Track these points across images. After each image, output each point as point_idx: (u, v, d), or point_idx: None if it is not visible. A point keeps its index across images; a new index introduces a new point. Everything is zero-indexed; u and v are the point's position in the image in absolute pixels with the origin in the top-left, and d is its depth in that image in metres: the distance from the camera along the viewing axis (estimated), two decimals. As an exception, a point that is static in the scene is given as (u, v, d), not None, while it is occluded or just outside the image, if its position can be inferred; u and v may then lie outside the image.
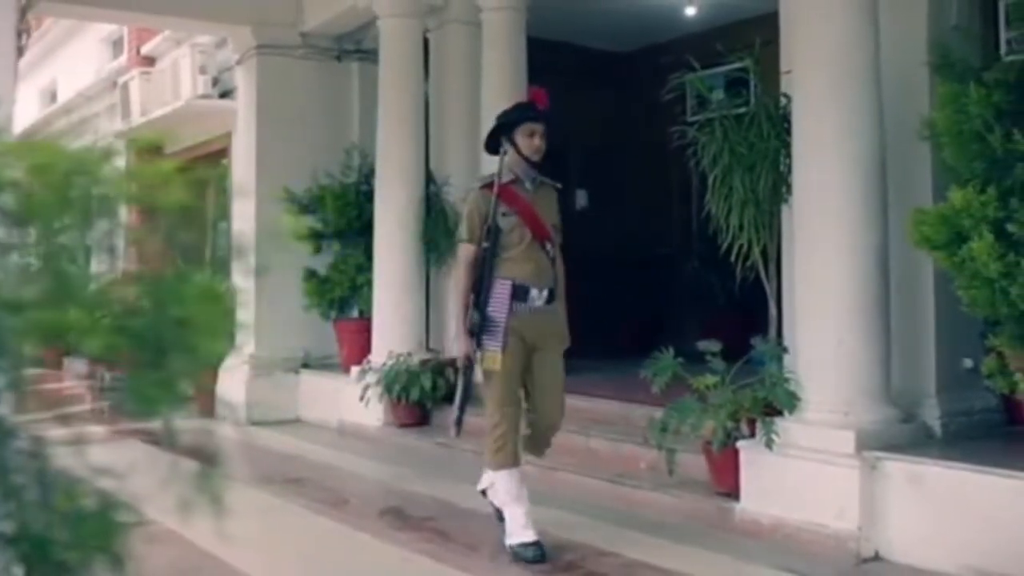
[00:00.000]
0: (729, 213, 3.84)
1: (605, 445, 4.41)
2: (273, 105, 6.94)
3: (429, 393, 5.56)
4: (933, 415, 3.58)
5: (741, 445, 3.55)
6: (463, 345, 3.36)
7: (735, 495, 3.57)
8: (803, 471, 3.34)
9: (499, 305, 3.29)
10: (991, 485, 2.97)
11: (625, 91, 7.62)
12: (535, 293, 3.34)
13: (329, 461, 5.39)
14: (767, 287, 4.02)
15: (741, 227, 3.82)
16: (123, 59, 10.87)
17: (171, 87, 9.01)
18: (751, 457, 3.51)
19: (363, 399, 5.64)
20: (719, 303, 6.48)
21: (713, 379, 3.63)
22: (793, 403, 3.42)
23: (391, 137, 6.10)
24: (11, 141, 1.04)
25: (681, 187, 7.22)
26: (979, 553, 2.95)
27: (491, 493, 3.41)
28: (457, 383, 3.48)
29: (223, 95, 8.61)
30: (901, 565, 3.15)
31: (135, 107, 9.72)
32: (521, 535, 3.31)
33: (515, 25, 5.76)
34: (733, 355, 3.71)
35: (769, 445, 3.37)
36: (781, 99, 3.89)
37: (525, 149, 3.38)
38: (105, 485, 0.95)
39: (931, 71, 3.42)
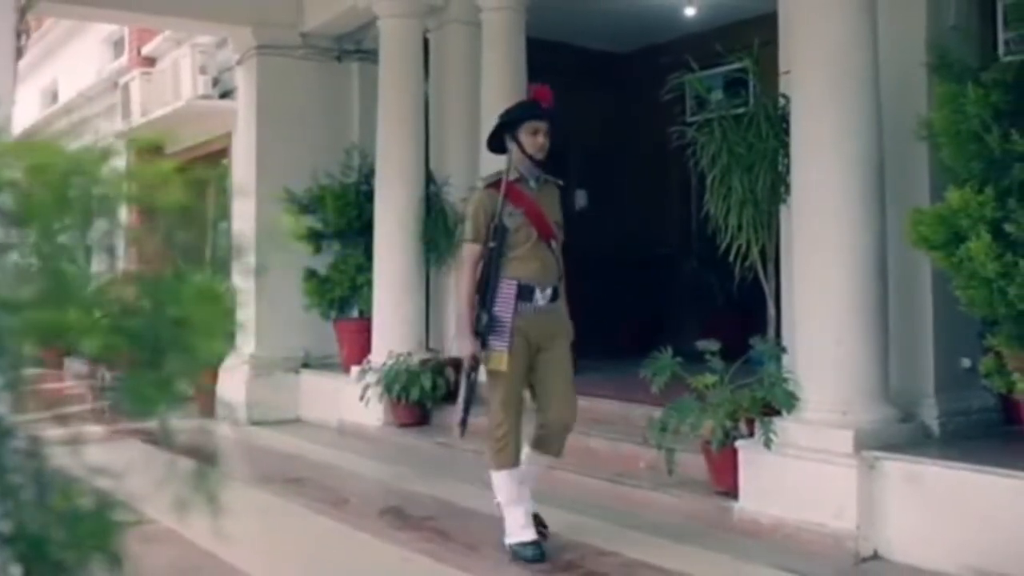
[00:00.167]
0: (728, 213, 3.85)
1: (604, 444, 4.41)
2: (273, 105, 6.95)
3: (429, 393, 5.57)
4: (931, 415, 3.59)
5: (740, 445, 3.56)
6: (468, 345, 3.31)
7: (734, 494, 3.58)
8: (802, 471, 3.34)
9: (505, 305, 3.27)
10: (989, 484, 2.97)
11: (624, 91, 7.62)
12: (539, 293, 3.32)
13: (329, 461, 5.40)
14: (766, 287, 4.03)
15: (740, 227, 3.83)
16: (124, 59, 10.89)
17: (172, 87, 9.03)
18: (750, 457, 3.52)
19: (363, 399, 5.66)
20: (718, 303, 6.49)
21: (712, 379, 3.64)
22: (792, 403, 3.43)
23: (391, 137, 6.11)
24: (10, 141, 1.04)
25: (680, 187, 7.23)
26: (977, 552, 2.96)
27: (496, 489, 3.38)
28: (461, 384, 3.44)
29: (223, 95, 8.62)
30: (900, 564, 3.15)
31: (136, 107, 9.73)
32: (520, 534, 3.32)
33: (515, 25, 5.77)
34: (732, 355, 3.72)
35: (768, 445, 3.38)
36: (780, 99, 3.90)
37: (529, 147, 3.35)
38: (103, 485, 0.95)
39: (929, 71, 3.42)
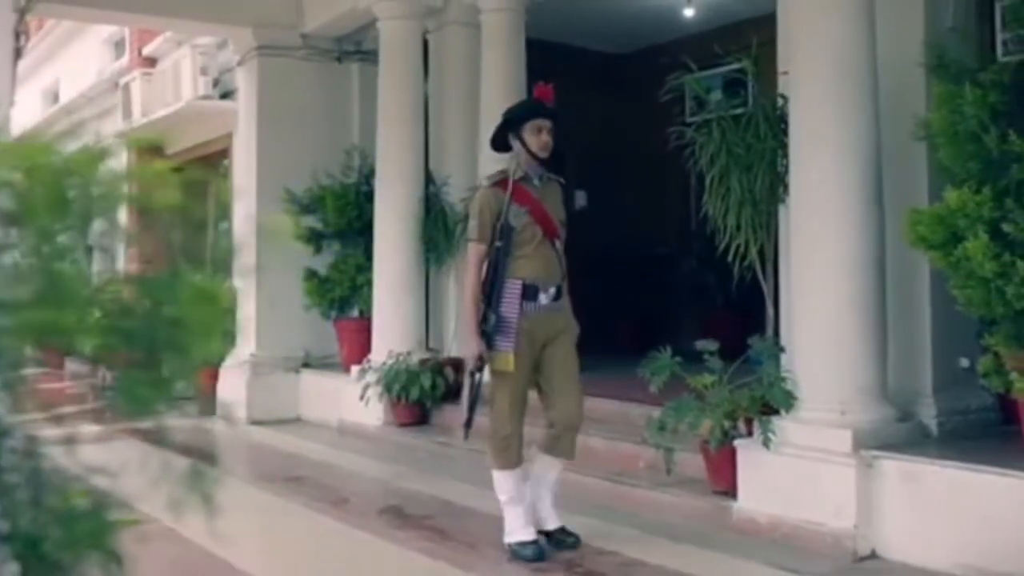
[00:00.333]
0: (726, 213, 3.86)
1: (603, 444, 4.42)
2: (274, 106, 6.97)
3: (429, 392, 5.58)
4: (929, 414, 3.59)
5: (738, 444, 3.57)
6: (474, 346, 3.28)
7: (732, 494, 3.58)
8: (800, 470, 3.35)
9: (510, 305, 3.26)
10: (987, 484, 2.98)
11: (624, 92, 7.64)
12: (544, 292, 3.31)
13: (329, 460, 5.41)
14: (764, 287, 4.04)
15: (738, 227, 3.84)
16: (125, 60, 10.90)
17: (172, 88, 9.04)
18: (748, 456, 3.53)
19: (363, 398, 5.67)
20: (717, 303, 6.50)
21: (711, 378, 3.65)
22: (790, 402, 3.44)
23: (391, 138, 6.13)
24: (6, 142, 1.05)
25: (679, 187, 7.24)
26: (975, 551, 2.97)
27: (497, 489, 3.37)
28: (465, 384, 3.41)
29: (224, 96, 8.64)
30: (897, 563, 3.16)
31: (136, 108, 9.75)
32: (520, 533, 3.33)
33: (514, 26, 5.78)
34: (731, 354, 3.72)
35: (766, 444, 3.39)
36: (778, 100, 3.90)
37: (533, 146, 3.34)
38: (100, 484, 0.95)
39: (927, 72, 3.43)
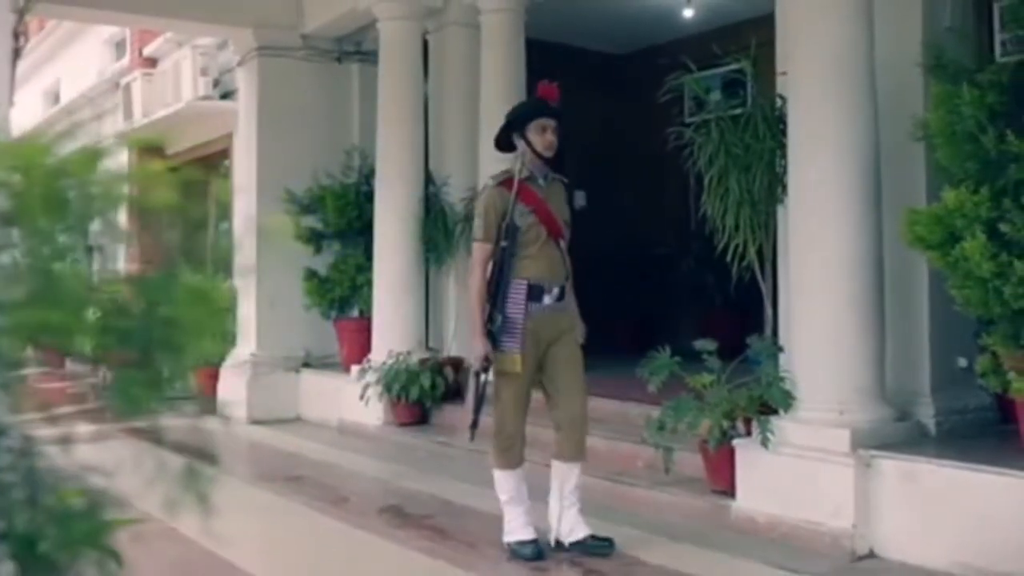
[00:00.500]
0: (725, 213, 3.87)
1: (602, 443, 4.43)
2: (274, 106, 6.98)
3: (428, 392, 5.59)
4: (927, 414, 3.60)
5: (737, 443, 3.58)
6: (481, 346, 3.25)
7: (731, 493, 3.59)
8: (798, 469, 3.36)
9: (516, 306, 3.25)
10: (985, 483, 2.99)
11: (623, 92, 7.65)
12: (548, 293, 3.30)
13: (329, 459, 5.42)
14: (763, 287, 4.05)
15: (737, 227, 3.84)
16: (125, 60, 10.92)
17: (173, 88, 9.06)
18: (747, 455, 3.54)
19: (363, 398, 5.68)
20: (716, 302, 6.51)
21: (709, 378, 3.65)
22: (788, 402, 3.44)
23: (391, 138, 6.14)
24: (2, 142, 1.05)
25: (678, 187, 7.25)
26: (973, 550, 2.98)
27: (497, 488, 3.37)
28: (470, 386, 3.40)
29: (224, 96, 8.65)
30: (896, 562, 3.17)
31: (137, 108, 9.76)
32: (519, 533, 3.34)
33: (514, 27, 5.79)
34: (729, 354, 3.73)
35: (765, 443, 3.40)
36: (777, 100, 3.91)
37: (538, 145, 3.32)
38: (97, 484, 0.95)
39: (925, 72, 3.44)
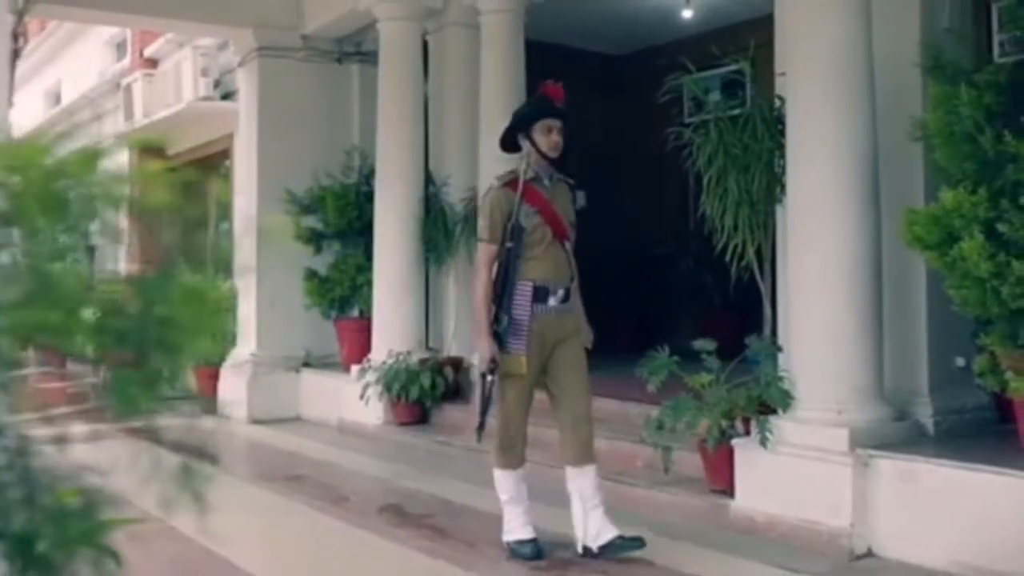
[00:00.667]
0: (724, 213, 3.88)
1: (602, 443, 4.39)
2: (274, 107, 7.00)
3: (428, 392, 5.61)
4: (926, 413, 3.61)
5: (736, 443, 3.58)
6: (487, 348, 3.23)
7: (730, 492, 3.60)
8: (797, 469, 3.37)
9: (522, 307, 3.23)
10: (982, 483, 3.00)
11: (622, 93, 7.66)
12: (553, 294, 3.28)
13: (329, 459, 5.43)
14: (761, 287, 4.06)
15: (736, 227, 3.85)
16: (126, 61, 10.94)
17: (173, 89, 9.08)
18: (746, 455, 3.54)
19: (363, 397, 5.69)
20: (715, 302, 6.53)
21: (708, 378, 3.66)
22: (787, 401, 3.45)
23: (391, 138, 6.15)
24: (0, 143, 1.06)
25: (678, 188, 7.26)
26: (971, 549, 2.99)
27: (498, 487, 3.37)
28: (476, 387, 3.39)
29: (225, 97, 8.67)
30: (894, 561, 3.17)
31: (138, 109, 9.78)
32: (519, 532, 3.35)
33: (513, 28, 5.81)
34: (728, 354, 3.74)
35: (764, 443, 3.41)
36: (776, 101, 3.92)
37: (544, 146, 3.31)
38: (94, 483, 0.96)
39: (923, 73, 3.45)
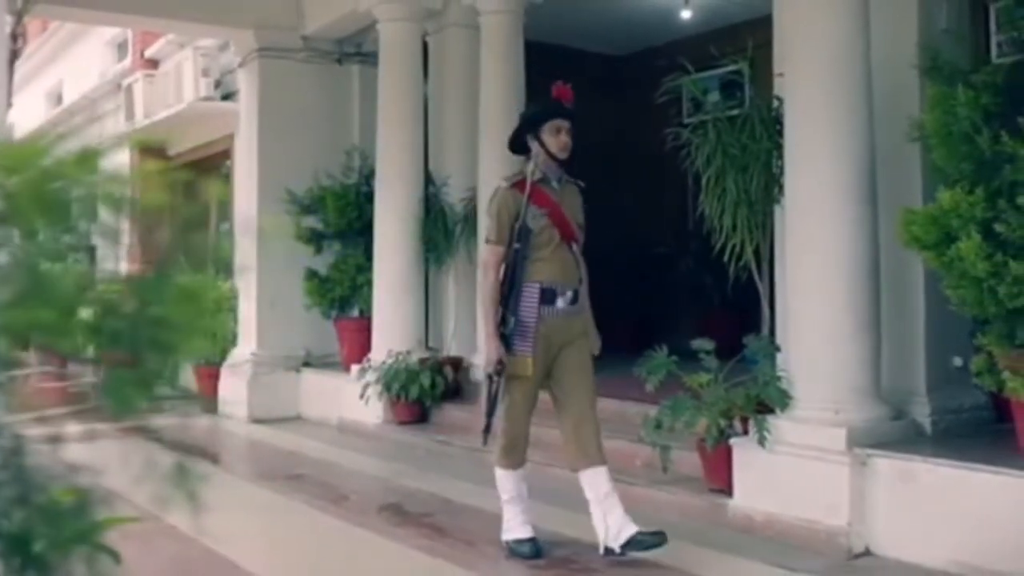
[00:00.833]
0: (722, 213, 3.89)
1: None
2: (275, 107, 7.01)
3: (428, 391, 5.62)
4: (923, 413, 3.62)
5: (734, 442, 3.59)
6: (494, 349, 3.22)
7: (728, 491, 3.61)
8: (795, 468, 3.38)
9: (528, 309, 3.22)
10: (980, 482, 3.01)
11: (622, 93, 7.67)
12: (561, 296, 3.26)
13: (329, 458, 5.45)
14: (760, 286, 4.07)
15: (734, 227, 3.86)
16: (127, 62, 10.95)
17: (174, 89, 9.09)
18: (744, 454, 3.56)
19: (363, 397, 5.70)
20: (714, 302, 6.54)
21: (707, 377, 3.67)
22: (785, 401, 3.46)
23: (391, 139, 6.17)
24: None
25: (677, 188, 7.27)
26: (968, 548, 2.99)
27: (499, 487, 3.37)
28: (483, 389, 3.37)
29: (225, 97, 8.68)
30: (891, 560, 3.18)
31: (139, 109, 9.79)
32: (518, 531, 3.36)
33: (513, 28, 5.82)
34: (726, 353, 3.74)
35: (762, 442, 3.42)
36: (774, 101, 3.94)
37: (552, 147, 3.30)
38: (90, 482, 0.96)
39: (921, 73, 3.46)
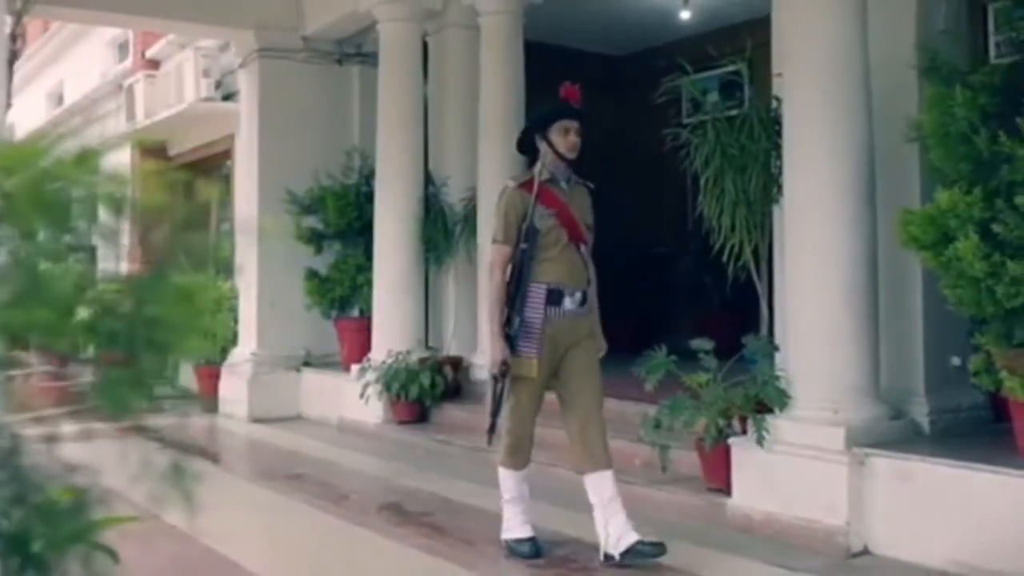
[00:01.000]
0: (721, 214, 3.90)
1: (601, 442, 4.45)
2: (275, 108, 7.02)
3: (428, 391, 5.63)
4: (921, 412, 3.63)
5: (733, 442, 3.60)
6: (499, 350, 3.20)
7: (727, 491, 3.62)
8: (793, 467, 3.38)
9: (535, 310, 3.20)
10: (978, 481, 3.01)
11: (621, 94, 7.68)
12: (569, 297, 3.24)
13: (329, 457, 5.45)
14: (758, 286, 4.08)
15: (733, 227, 3.87)
16: (128, 62, 10.97)
17: (175, 90, 9.10)
18: (743, 454, 3.56)
19: (363, 396, 5.71)
20: (713, 302, 6.54)
21: (706, 377, 3.67)
22: (784, 400, 3.47)
23: (391, 139, 6.17)
24: None
25: (676, 188, 7.28)
26: (966, 548, 3.00)
27: (501, 486, 3.37)
28: (488, 390, 3.37)
29: (226, 98, 8.69)
30: (889, 559, 3.19)
31: (140, 109, 9.80)
32: (517, 530, 3.37)
33: (512, 29, 5.83)
34: (725, 353, 3.75)
35: (760, 442, 3.42)
36: (773, 101, 3.94)
37: (561, 147, 3.29)
38: (87, 482, 0.97)
39: (919, 74, 3.46)
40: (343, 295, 6.69)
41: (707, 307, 6.63)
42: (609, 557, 3.19)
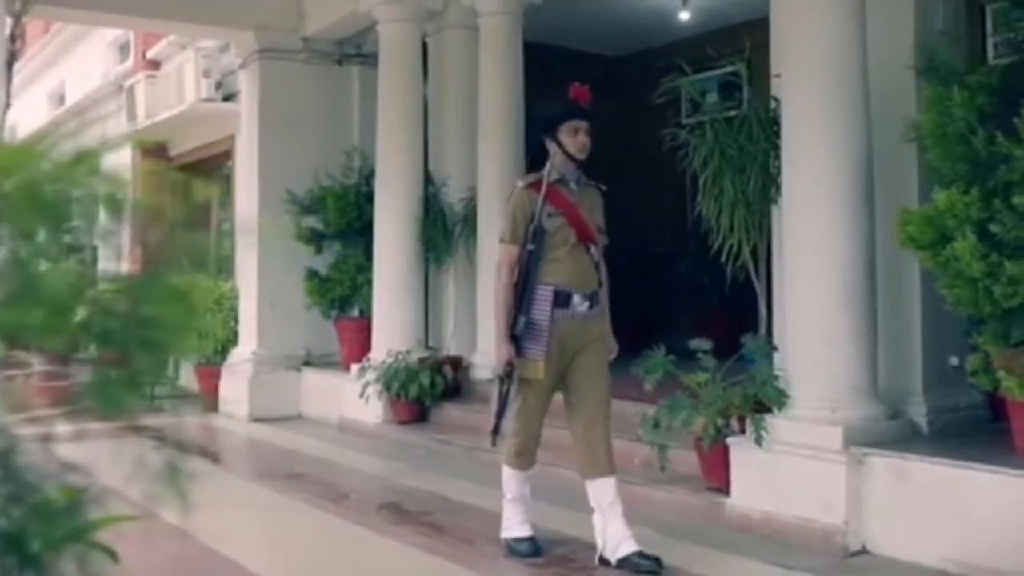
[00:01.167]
0: (720, 214, 3.91)
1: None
2: (275, 108, 7.03)
3: (427, 390, 5.64)
4: (919, 412, 3.63)
5: (731, 441, 3.61)
6: (505, 351, 3.18)
7: (725, 490, 3.63)
8: (792, 467, 3.39)
9: (542, 311, 3.17)
10: (976, 481, 3.02)
11: (620, 94, 7.67)
12: (577, 299, 3.21)
13: (329, 457, 5.46)
14: (757, 286, 4.09)
15: (731, 227, 3.88)
16: (129, 63, 10.98)
17: (176, 90, 9.11)
18: (741, 453, 3.57)
19: (363, 396, 5.72)
20: (712, 302, 6.55)
21: (704, 377, 3.68)
22: (782, 400, 3.48)
23: (391, 139, 6.19)
24: None
25: (675, 188, 7.28)
26: (964, 547, 3.01)
27: (504, 486, 3.37)
28: (493, 391, 3.36)
29: (227, 98, 8.70)
30: (887, 559, 3.20)
31: (141, 110, 9.81)
32: (516, 530, 3.37)
33: (511, 30, 5.85)
34: (724, 353, 3.76)
35: (759, 441, 3.43)
36: (771, 102, 3.95)
37: (571, 147, 3.26)
38: (82, 481, 0.97)
39: (917, 74, 3.47)
40: (343, 295, 6.70)
41: (706, 307, 6.64)
42: (605, 561, 3.20)
